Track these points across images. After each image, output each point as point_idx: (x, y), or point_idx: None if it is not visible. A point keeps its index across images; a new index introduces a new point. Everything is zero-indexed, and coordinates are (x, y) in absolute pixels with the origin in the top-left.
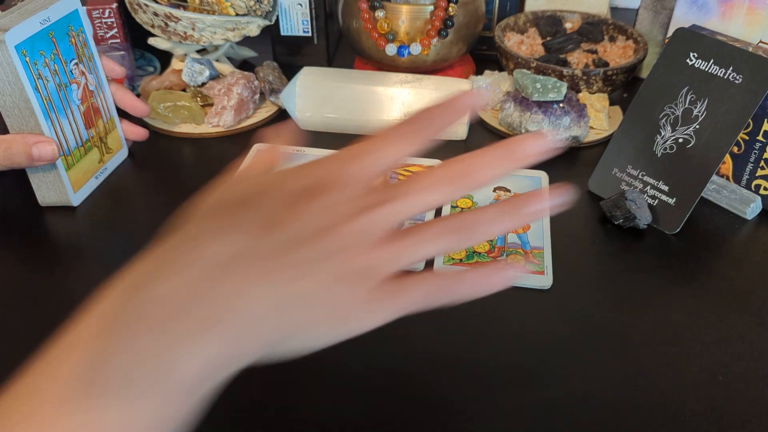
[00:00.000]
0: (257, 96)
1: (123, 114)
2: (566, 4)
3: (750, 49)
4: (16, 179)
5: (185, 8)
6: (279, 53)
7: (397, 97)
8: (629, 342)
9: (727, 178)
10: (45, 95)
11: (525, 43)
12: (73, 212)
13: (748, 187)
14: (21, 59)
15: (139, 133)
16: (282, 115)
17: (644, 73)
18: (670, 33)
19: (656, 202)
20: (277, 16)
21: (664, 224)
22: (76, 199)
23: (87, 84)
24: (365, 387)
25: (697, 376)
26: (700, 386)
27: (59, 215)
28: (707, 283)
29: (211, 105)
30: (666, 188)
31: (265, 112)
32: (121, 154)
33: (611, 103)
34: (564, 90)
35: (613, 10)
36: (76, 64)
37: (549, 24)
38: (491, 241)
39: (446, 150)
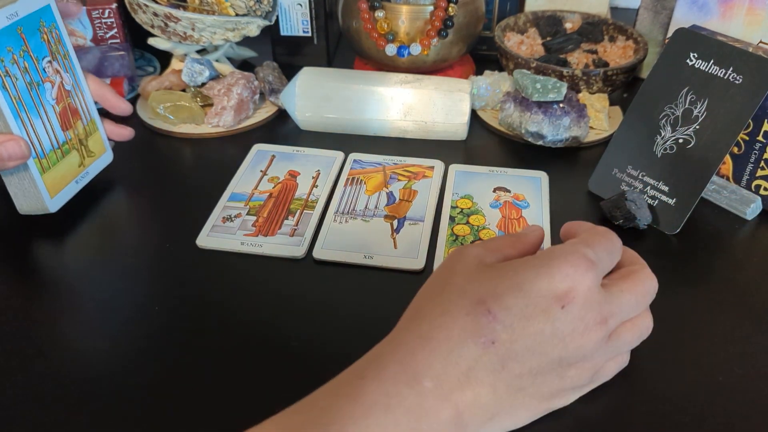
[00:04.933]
0: (257, 96)
1: (106, 113)
2: (566, 4)
3: (750, 50)
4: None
5: (185, 8)
6: (279, 53)
7: (397, 97)
8: None
9: (728, 179)
10: (14, 94)
11: (525, 43)
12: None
13: (748, 187)
14: None
15: (122, 134)
16: (282, 116)
17: (644, 73)
18: (670, 33)
19: (656, 202)
20: (277, 16)
21: (664, 225)
22: (53, 205)
23: (63, 83)
24: None
25: (698, 377)
26: (700, 387)
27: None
28: (707, 283)
29: (211, 105)
30: (666, 189)
31: (265, 112)
32: (105, 158)
33: (611, 103)
34: (564, 90)
35: (613, 10)
36: (50, 61)
37: (549, 24)
38: None
39: (447, 150)
